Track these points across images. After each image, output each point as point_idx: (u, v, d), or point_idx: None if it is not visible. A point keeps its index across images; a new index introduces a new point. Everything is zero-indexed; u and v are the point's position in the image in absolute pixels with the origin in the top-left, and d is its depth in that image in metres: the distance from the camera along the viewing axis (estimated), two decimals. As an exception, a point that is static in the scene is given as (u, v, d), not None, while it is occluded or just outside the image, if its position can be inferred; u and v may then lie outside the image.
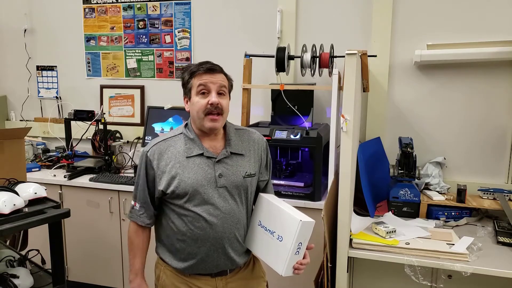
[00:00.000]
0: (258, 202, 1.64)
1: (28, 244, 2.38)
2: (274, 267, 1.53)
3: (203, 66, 1.54)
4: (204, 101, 1.51)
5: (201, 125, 1.54)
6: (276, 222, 1.54)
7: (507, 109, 2.50)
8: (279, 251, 1.51)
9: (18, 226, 1.72)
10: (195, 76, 1.54)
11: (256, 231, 1.61)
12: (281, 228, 1.52)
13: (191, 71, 1.55)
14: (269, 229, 1.56)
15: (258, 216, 1.62)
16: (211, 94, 1.51)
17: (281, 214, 1.53)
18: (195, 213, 1.54)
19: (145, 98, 3.28)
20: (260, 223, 1.59)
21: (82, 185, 2.79)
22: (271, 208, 1.58)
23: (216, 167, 1.55)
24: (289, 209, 1.54)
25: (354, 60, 1.81)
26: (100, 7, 3.26)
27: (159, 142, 1.60)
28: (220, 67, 1.58)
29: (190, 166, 1.54)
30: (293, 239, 1.47)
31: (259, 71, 2.80)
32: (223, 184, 1.55)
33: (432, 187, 2.51)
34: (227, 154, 1.58)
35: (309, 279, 2.14)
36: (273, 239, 1.54)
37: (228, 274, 1.62)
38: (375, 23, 2.62)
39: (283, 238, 1.50)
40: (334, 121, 2.28)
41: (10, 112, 3.61)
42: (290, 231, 1.48)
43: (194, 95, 1.53)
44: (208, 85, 1.52)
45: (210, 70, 1.53)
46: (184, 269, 1.59)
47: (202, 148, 1.56)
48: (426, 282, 1.86)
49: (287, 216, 1.51)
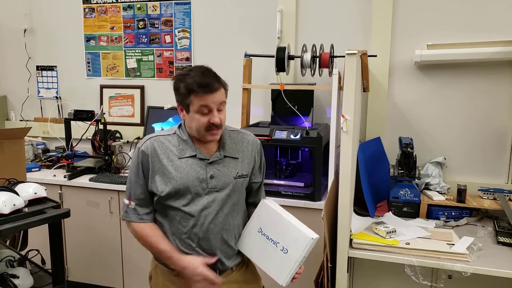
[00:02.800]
0: (260, 209, 1.62)
1: (28, 244, 2.38)
2: (274, 276, 1.54)
3: (202, 86, 1.46)
4: (205, 119, 1.49)
5: (201, 137, 1.55)
6: (281, 233, 1.54)
7: (507, 109, 2.50)
8: (283, 263, 1.52)
9: (18, 226, 1.72)
10: (194, 95, 1.47)
11: (254, 237, 1.60)
12: (288, 241, 1.52)
13: (189, 88, 1.47)
14: (271, 238, 1.55)
15: (258, 222, 1.60)
16: (212, 113, 1.49)
17: (288, 227, 1.54)
18: (184, 212, 1.54)
19: (145, 98, 3.28)
20: (261, 230, 1.58)
21: (82, 185, 2.79)
22: (276, 218, 1.57)
23: (208, 169, 1.56)
24: (296, 223, 1.54)
25: (354, 60, 1.80)
26: (100, 7, 3.26)
27: (152, 138, 1.59)
28: (217, 79, 1.50)
29: (183, 166, 1.54)
30: (301, 254, 1.49)
31: (259, 71, 2.80)
32: (214, 186, 1.56)
33: (432, 187, 2.51)
34: (220, 157, 1.58)
35: (309, 279, 2.14)
36: (275, 249, 1.54)
37: (219, 275, 1.61)
38: (375, 23, 2.62)
39: (288, 250, 1.51)
40: (334, 121, 2.28)
41: (10, 112, 3.61)
42: (299, 246, 1.49)
43: (194, 112, 1.50)
44: (210, 105, 1.49)
45: (210, 91, 1.47)
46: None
47: (195, 150, 1.56)
48: (426, 282, 1.86)
49: (296, 231, 1.52)
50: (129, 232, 1.64)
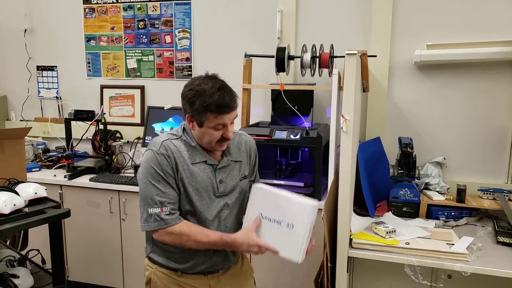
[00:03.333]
0: (254, 194, 1.60)
1: (28, 244, 2.38)
2: (288, 255, 1.50)
3: (222, 107, 1.45)
4: (219, 133, 1.51)
5: (210, 148, 1.56)
6: (282, 211, 1.52)
7: (507, 109, 2.50)
8: (292, 239, 1.49)
9: (18, 226, 1.72)
10: (210, 113, 1.46)
11: (258, 224, 1.58)
12: (291, 216, 1.50)
13: (208, 108, 1.45)
14: (274, 219, 1.53)
15: (257, 208, 1.58)
16: (226, 128, 1.51)
17: (287, 203, 1.52)
18: (195, 215, 1.56)
19: (145, 98, 3.28)
20: (262, 214, 1.56)
21: (82, 185, 2.79)
22: (273, 198, 1.56)
23: (217, 174, 1.59)
24: (294, 196, 1.53)
25: (354, 60, 1.81)
26: (100, 7, 3.27)
27: (165, 140, 1.55)
28: (235, 99, 1.50)
29: (196, 171, 1.56)
30: (307, 224, 1.47)
31: (259, 71, 2.80)
32: (223, 190, 1.59)
33: (432, 187, 2.51)
34: (228, 163, 1.62)
35: (309, 279, 2.14)
36: (281, 228, 1.51)
37: (220, 271, 1.65)
38: (375, 23, 2.62)
39: (294, 225, 1.49)
40: (334, 121, 2.28)
41: (10, 112, 3.61)
42: (303, 217, 1.48)
43: (208, 127, 1.50)
44: (226, 123, 1.50)
45: (228, 111, 1.48)
46: (180, 269, 1.60)
47: (204, 155, 1.58)
48: (426, 282, 1.86)
49: (296, 204, 1.51)
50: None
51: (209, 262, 1.61)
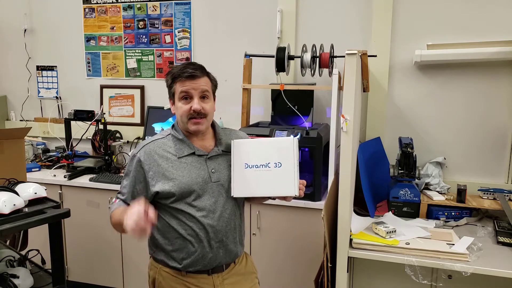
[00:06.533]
0: (235, 148, 1.61)
1: (28, 244, 2.38)
2: (284, 192, 1.55)
3: (184, 72, 1.53)
4: (187, 106, 1.54)
5: (186, 128, 1.59)
6: (266, 154, 1.57)
7: (507, 109, 2.50)
8: (283, 176, 1.54)
9: (18, 226, 1.72)
10: (177, 82, 1.55)
11: (245, 175, 1.58)
12: (276, 155, 1.56)
13: (173, 76, 1.55)
14: (260, 164, 1.57)
15: (241, 160, 1.60)
16: (193, 100, 1.54)
17: (269, 145, 1.59)
18: (192, 210, 1.55)
19: (145, 98, 3.28)
20: (247, 165, 1.58)
21: (82, 185, 2.79)
22: (253, 146, 1.60)
23: (208, 164, 1.60)
24: (272, 138, 1.60)
25: (354, 60, 1.80)
26: (100, 7, 3.26)
27: (147, 144, 1.61)
28: (202, 70, 1.57)
29: (183, 166, 1.56)
30: (293, 157, 1.54)
31: (259, 71, 2.80)
32: (217, 179, 1.59)
33: (432, 187, 2.51)
34: (219, 152, 1.62)
35: (309, 279, 2.14)
36: (270, 170, 1.56)
37: (224, 270, 1.64)
38: (375, 23, 2.62)
39: (281, 163, 1.55)
40: (334, 121, 2.28)
41: (10, 112, 3.61)
42: (288, 152, 1.54)
43: (177, 100, 1.57)
44: (190, 92, 1.54)
45: (191, 76, 1.53)
46: (183, 268, 1.59)
47: (192, 147, 1.59)
48: (426, 282, 1.86)
49: (277, 142, 1.60)
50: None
51: (211, 257, 1.59)
